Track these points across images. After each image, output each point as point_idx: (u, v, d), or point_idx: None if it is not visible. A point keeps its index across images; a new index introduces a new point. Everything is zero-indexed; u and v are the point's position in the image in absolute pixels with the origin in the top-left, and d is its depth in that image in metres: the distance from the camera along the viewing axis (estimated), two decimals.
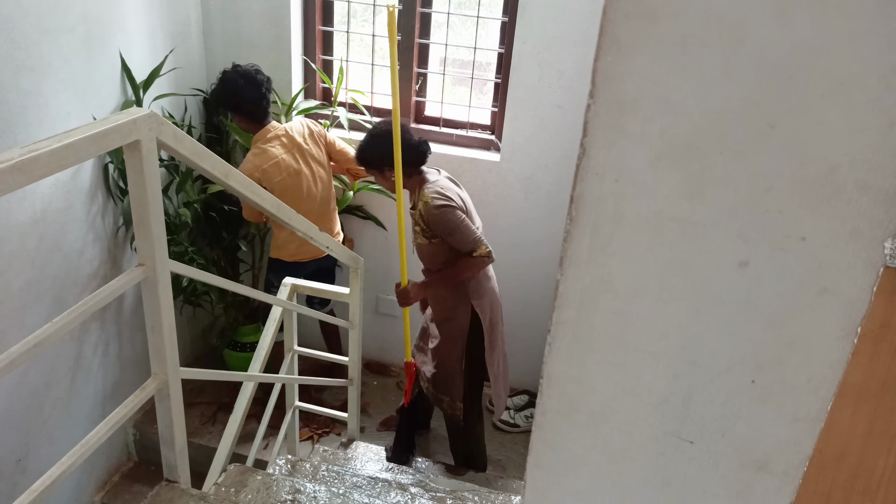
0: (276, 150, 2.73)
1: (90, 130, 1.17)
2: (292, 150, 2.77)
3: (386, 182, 2.50)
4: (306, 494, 1.97)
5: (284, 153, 2.74)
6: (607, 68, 0.61)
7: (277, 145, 2.75)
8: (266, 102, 2.76)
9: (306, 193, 2.79)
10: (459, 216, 2.39)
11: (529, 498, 0.83)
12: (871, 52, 0.56)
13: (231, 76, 2.72)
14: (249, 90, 2.69)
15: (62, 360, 2.57)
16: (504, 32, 3.02)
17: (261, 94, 2.72)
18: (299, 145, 2.79)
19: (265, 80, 2.75)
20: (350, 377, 2.78)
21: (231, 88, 2.71)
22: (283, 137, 2.77)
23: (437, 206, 2.37)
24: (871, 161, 0.58)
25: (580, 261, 0.69)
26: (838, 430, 0.69)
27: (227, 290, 1.90)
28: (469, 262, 2.41)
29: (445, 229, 2.39)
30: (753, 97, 0.59)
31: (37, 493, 1.28)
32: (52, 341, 1.22)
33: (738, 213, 0.63)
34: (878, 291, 0.62)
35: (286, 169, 2.73)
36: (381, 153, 2.42)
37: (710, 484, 0.75)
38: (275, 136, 2.76)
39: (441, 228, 2.39)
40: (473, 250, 2.40)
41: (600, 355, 0.73)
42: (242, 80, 2.70)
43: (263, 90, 2.73)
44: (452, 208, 2.39)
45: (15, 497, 1.28)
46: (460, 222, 2.38)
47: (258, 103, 2.73)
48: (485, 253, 2.39)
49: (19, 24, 2.10)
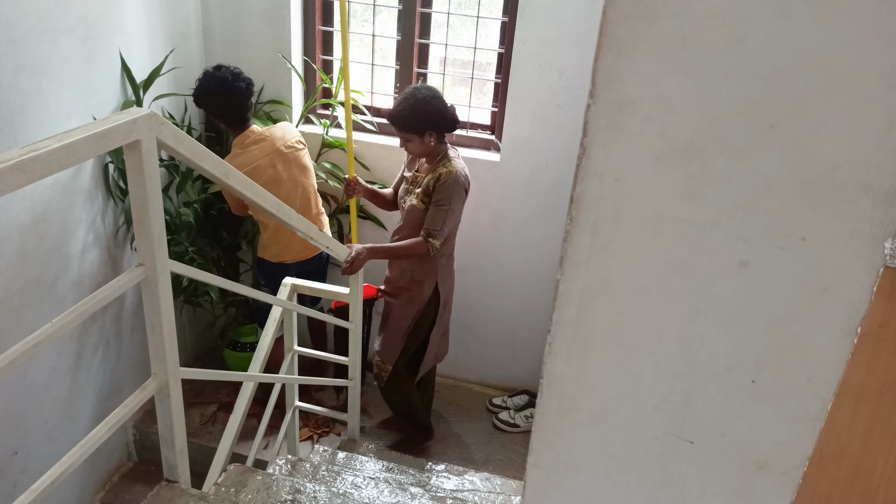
0: (252, 155, 2.70)
1: (90, 130, 1.17)
2: (271, 156, 2.73)
3: (422, 147, 2.57)
4: (306, 494, 1.97)
5: (262, 158, 2.71)
6: (607, 68, 0.61)
7: (256, 150, 2.71)
8: (242, 107, 2.70)
9: (284, 199, 2.72)
10: (458, 203, 2.61)
11: (529, 498, 0.83)
12: (871, 52, 0.56)
13: (205, 78, 2.68)
14: (224, 97, 2.64)
15: (62, 360, 2.57)
16: (504, 32, 3.02)
17: (236, 99, 2.66)
18: (279, 150, 2.75)
19: (244, 84, 2.68)
20: (350, 377, 2.77)
21: (206, 91, 2.67)
22: (262, 143, 2.73)
23: (456, 181, 2.56)
24: (871, 161, 0.58)
25: (580, 261, 0.69)
26: (838, 430, 0.69)
27: (227, 290, 1.90)
28: (420, 244, 2.60)
29: (441, 199, 2.56)
30: (753, 97, 0.59)
31: (37, 493, 1.28)
32: (52, 341, 1.22)
33: (738, 213, 0.63)
34: (878, 291, 0.62)
35: (263, 174, 2.69)
36: (426, 117, 2.51)
37: (710, 484, 0.75)
38: (253, 141, 2.72)
39: (439, 196, 2.56)
40: (433, 236, 2.58)
41: (600, 355, 0.73)
42: (217, 86, 2.64)
43: (241, 96, 2.67)
44: (462, 193, 2.61)
45: (15, 497, 1.28)
46: (454, 206, 2.59)
47: (232, 107, 2.67)
48: (436, 245, 2.59)
49: (19, 24, 2.10)
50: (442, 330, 2.95)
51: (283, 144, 2.77)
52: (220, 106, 2.68)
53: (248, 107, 2.73)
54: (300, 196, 2.85)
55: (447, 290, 2.83)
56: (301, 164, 2.83)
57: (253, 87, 2.76)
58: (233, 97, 2.66)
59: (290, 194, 2.80)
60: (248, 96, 2.71)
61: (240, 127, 2.74)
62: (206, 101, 2.70)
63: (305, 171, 2.86)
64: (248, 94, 2.71)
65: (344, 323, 2.65)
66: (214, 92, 2.65)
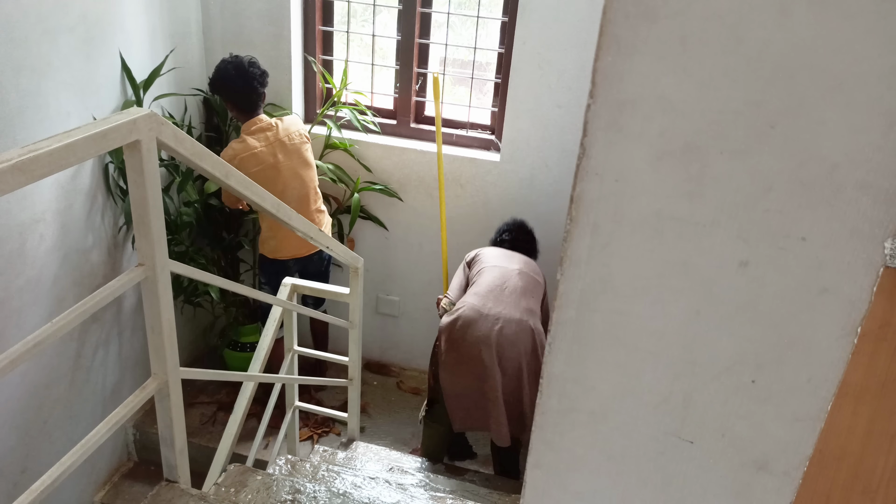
0: (256, 141, 2.75)
1: (90, 130, 1.17)
2: (273, 145, 2.78)
3: None
4: (306, 494, 1.97)
5: (264, 146, 2.76)
6: (607, 68, 0.61)
7: (260, 138, 2.77)
8: (255, 95, 2.77)
9: (282, 189, 2.79)
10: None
11: (529, 498, 0.83)
12: (871, 52, 0.56)
13: (223, 65, 2.77)
14: (238, 80, 2.73)
15: (62, 360, 2.57)
16: (504, 32, 3.02)
17: (250, 86, 2.74)
18: (282, 141, 2.79)
19: (258, 73, 2.76)
20: (350, 377, 2.77)
21: (221, 76, 2.75)
22: (267, 131, 2.78)
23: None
24: (871, 161, 0.58)
25: (580, 261, 0.69)
26: (838, 430, 0.69)
27: (228, 290, 1.90)
28: None
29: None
30: (753, 97, 0.59)
31: (37, 493, 1.28)
32: (51, 341, 1.22)
33: (738, 213, 0.63)
34: (878, 291, 0.62)
35: (262, 161, 2.74)
36: None
37: (710, 484, 0.75)
38: (259, 129, 2.78)
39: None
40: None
41: (600, 355, 0.73)
42: (233, 69, 2.73)
43: (254, 83, 2.75)
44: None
45: (15, 497, 1.28)
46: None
47: (246, 95, 2.75)
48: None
49: (19, 24, 2.10)
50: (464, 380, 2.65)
51: (286, 135, 2.81)
52: (232, 89, 2.74)
53: (259, 95, 2.79)
54: (298, 188, 2.86)
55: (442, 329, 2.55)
56: (303, 157, 2.86)
57: (267, 78, 2.80)
58: (246, 81, 2.72)
59: (288, 185, 2.82)
60: (261, 84, 2.78)
61: (249, 114, 2.79)
62: (220, 84, 2.76)
63: (306, 165, 2.88)
64: (262, 82, 2.78)
65: (344, 323, 2.65)
66: (230, 74, 2.72)
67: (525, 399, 2.44)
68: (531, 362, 2.43)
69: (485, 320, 2.41)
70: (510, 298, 2.49)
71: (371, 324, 3.59)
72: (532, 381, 2.44)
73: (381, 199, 3.29)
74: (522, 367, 2.42)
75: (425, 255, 3.40)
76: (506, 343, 2.39)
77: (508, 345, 2.39)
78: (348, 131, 3.22)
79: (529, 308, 2.50)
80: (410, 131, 3.28)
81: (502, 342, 2.39)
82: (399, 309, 3.57)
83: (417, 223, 3.34)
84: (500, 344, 2.39)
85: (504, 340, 2.39)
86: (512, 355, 2.40)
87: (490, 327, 2.40)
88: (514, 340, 2.40)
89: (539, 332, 2.45)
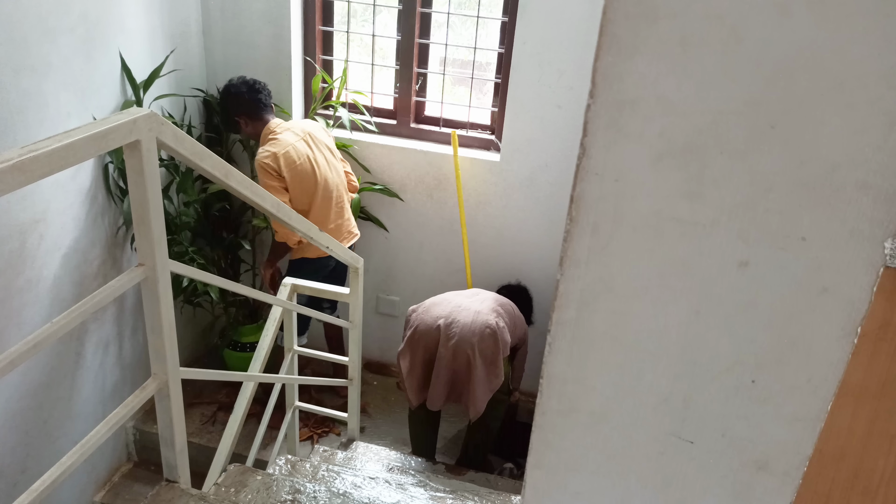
0: (289, 137, 2.80)
1: (90, 130, 1.17)
2: (304, 138, 2.83)
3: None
4: (306, 494, 1.97)
5: (297, 140, 2.80)
6: (607, 68, 0.61)
7: (289, 133, 2.81)
8: (265, 102, 2.87)
9: (322, 179, 2.83)
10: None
11: (529, 498, 0.83)
12: (871, 52, 0.56)
13: (227, 83, 2.90)
14: (244, 87, 2.84)
15: (62, 360, 2.57)
16: (504, 32, 3.02)
17: (258, 94, 2.85)
18: (310, 133, 2.86)
19: (262, 85, 2.89)
20: (350, 377, 2.77)
21: (229, 91, 2.87)
22: (292, 128, 2.84)
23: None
24: (871, 161, 0.58)
25: (580, 261, 0.69)
26: (838, 430, 0.69)
27: (227, 290, 1.90)
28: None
29: None
30: (753, 97, 0.59)
31: (37, 492, 1.28)
32: (51, 341, 1.22)
33: (738, 213, 0.63)
34: (878, 291, 0.62)
35: (303, 153, 2.79)
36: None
37: (710, 484, 0.75)
38: (286, 128, 2.83)
39: None
40: None
41: (600, 355, 0.73)
42: (238, 82, 2.87)
43: (261, 94, 2.86)
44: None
45: (15, 497, 1.28)
46: None
47: (256, 103, 2.84)
48: None
49: (19, 24, 2.10)
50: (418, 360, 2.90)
51: (309, 130, 2.89)
52: (243, 99, 2.85)
53: (269, 105, 2.91)
54: (336, 176, 2.92)
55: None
56: (331, 150, 2.95)
57: (270, 94, 2.94)
58: (254, 89, 2.86)
59: (328, 174, 2.88)
60: (268, 94, 2.92)
61: (264, 120, 2.87)
62: (231, 98, 2.89)
63: (336, 157, 2.97)
64: (268, 93, 2.92)
65: (344, 323, 2.65)
66: (237, 87, 2.86)
67: (475, 378, 2.55)
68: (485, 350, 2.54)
69: (446, 304, 2.64)
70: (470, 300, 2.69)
71: (371, 324, 3.59)
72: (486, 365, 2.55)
73: (381, 199, 3.29)
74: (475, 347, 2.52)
75: (425, 256, 3.40)
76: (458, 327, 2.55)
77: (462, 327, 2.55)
78: (348, 131, 3.22)
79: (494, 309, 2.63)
80: (410, 131, 3.28)
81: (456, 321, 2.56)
82: (399, 309, 3.57)
83: (417, 223, 3.34)
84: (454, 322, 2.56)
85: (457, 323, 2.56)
86: (465, 335, 2.53)
87: (448, 312, 2.60)
88: (468, 324, 2.55)
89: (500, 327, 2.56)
